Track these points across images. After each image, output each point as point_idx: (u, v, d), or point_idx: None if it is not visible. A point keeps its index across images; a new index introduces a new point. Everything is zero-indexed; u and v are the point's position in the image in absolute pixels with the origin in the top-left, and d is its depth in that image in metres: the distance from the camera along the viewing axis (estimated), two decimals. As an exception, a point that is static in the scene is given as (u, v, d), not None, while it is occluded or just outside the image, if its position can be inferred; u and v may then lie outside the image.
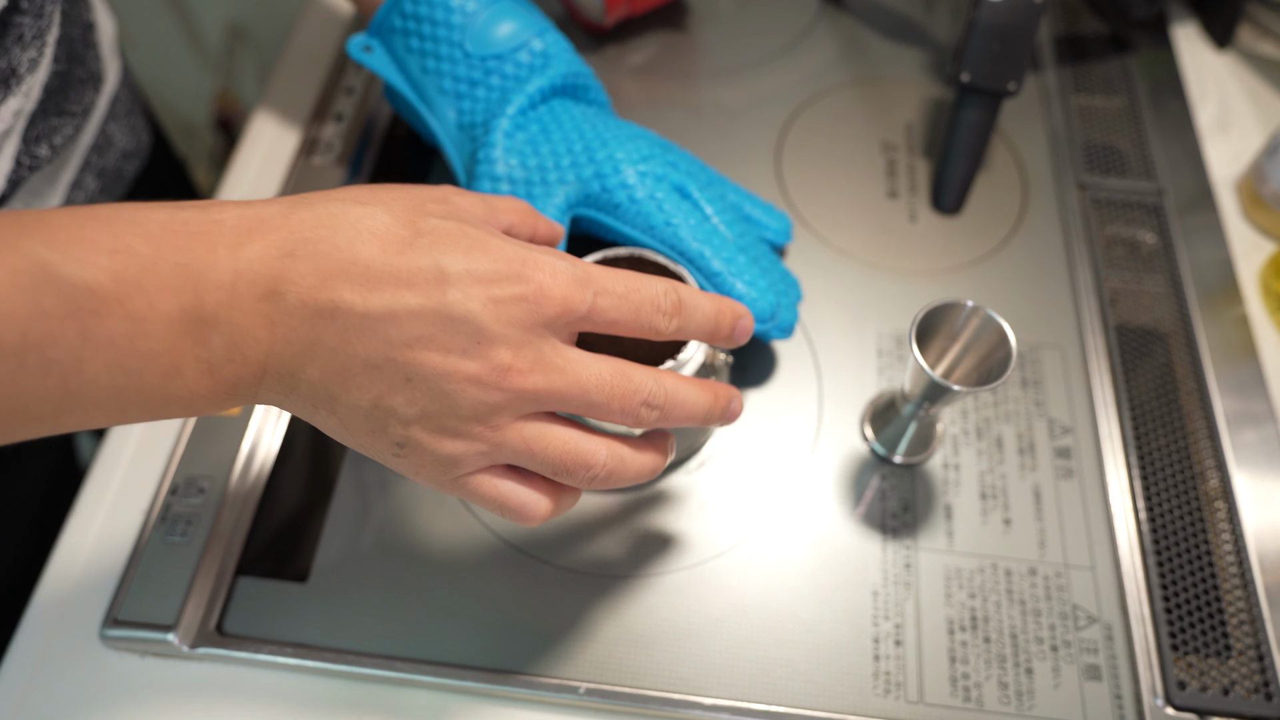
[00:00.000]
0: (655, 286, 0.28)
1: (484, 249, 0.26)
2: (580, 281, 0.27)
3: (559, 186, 0.40)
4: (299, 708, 0.37)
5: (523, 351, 0.26)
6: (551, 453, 0.27)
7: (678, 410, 0.29)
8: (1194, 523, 0.40)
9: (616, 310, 0.27)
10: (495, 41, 0.42)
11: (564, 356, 0.27)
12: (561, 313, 0.26)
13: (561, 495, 0.29)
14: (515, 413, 0.26)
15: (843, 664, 0.37)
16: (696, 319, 0.29)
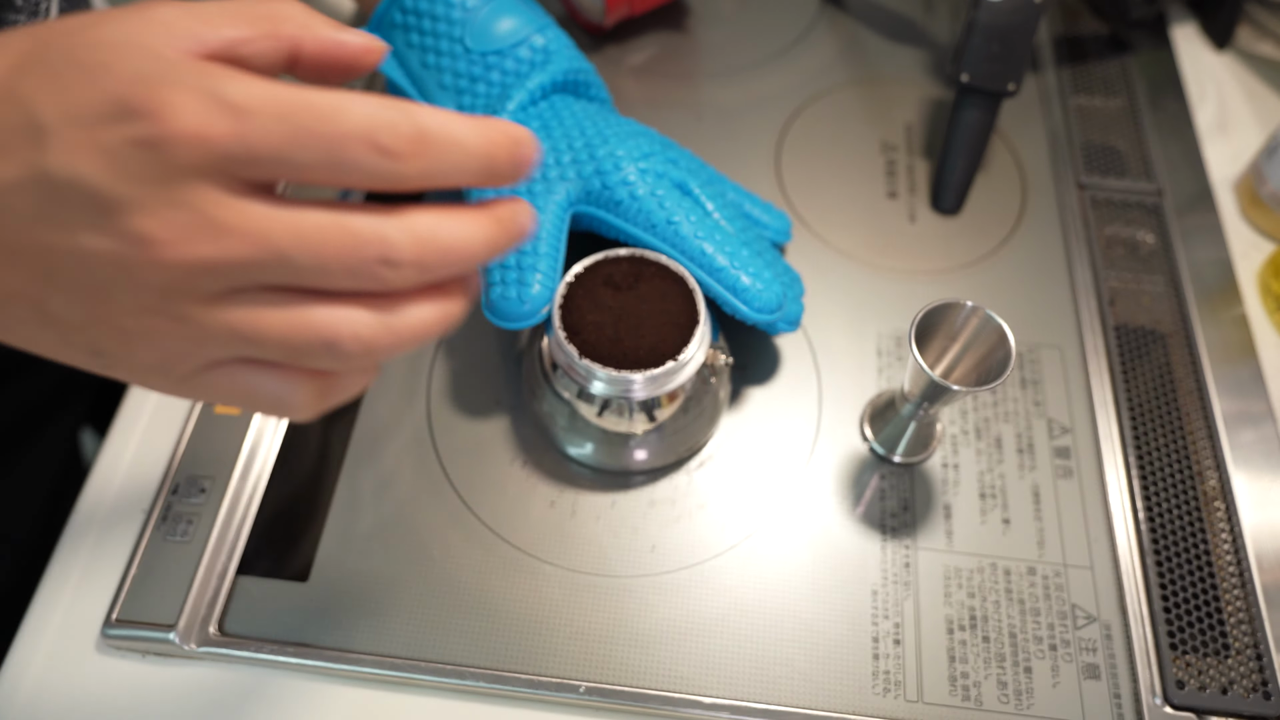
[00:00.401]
0: (377, 111, 0.20)
1: (96, 76, 0.19)
2: (232, 107, 0.19)
3: (560, 183, 0.40)
4: (300, 708, 0.37)
5: (164, 214, 0.19)
6: (272, 329, 0.20)
7: (442, 257, 0.21)
8: (1192, 522, 0.41)
9: (301, 148, 0.19)
10: (496, 37, 0.42)
11: (238, 211, 0.19)
12: (200, 152, 0.19)
13: (329, 379, 0.23)
14: (202, 293, 0.20)
15: (842, 663, 0.37)
16: (453, 156, 0.21)
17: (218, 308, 0.20)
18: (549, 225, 0.39)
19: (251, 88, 0.19)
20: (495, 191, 0.37)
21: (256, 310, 0.20)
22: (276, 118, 0.19)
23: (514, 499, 0.41)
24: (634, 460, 0.41)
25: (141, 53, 0.19)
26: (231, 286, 0.20)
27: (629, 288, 0.36)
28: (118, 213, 0.19)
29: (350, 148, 0.19)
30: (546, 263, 0.39)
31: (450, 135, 0.21)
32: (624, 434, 0.39)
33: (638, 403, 0.37)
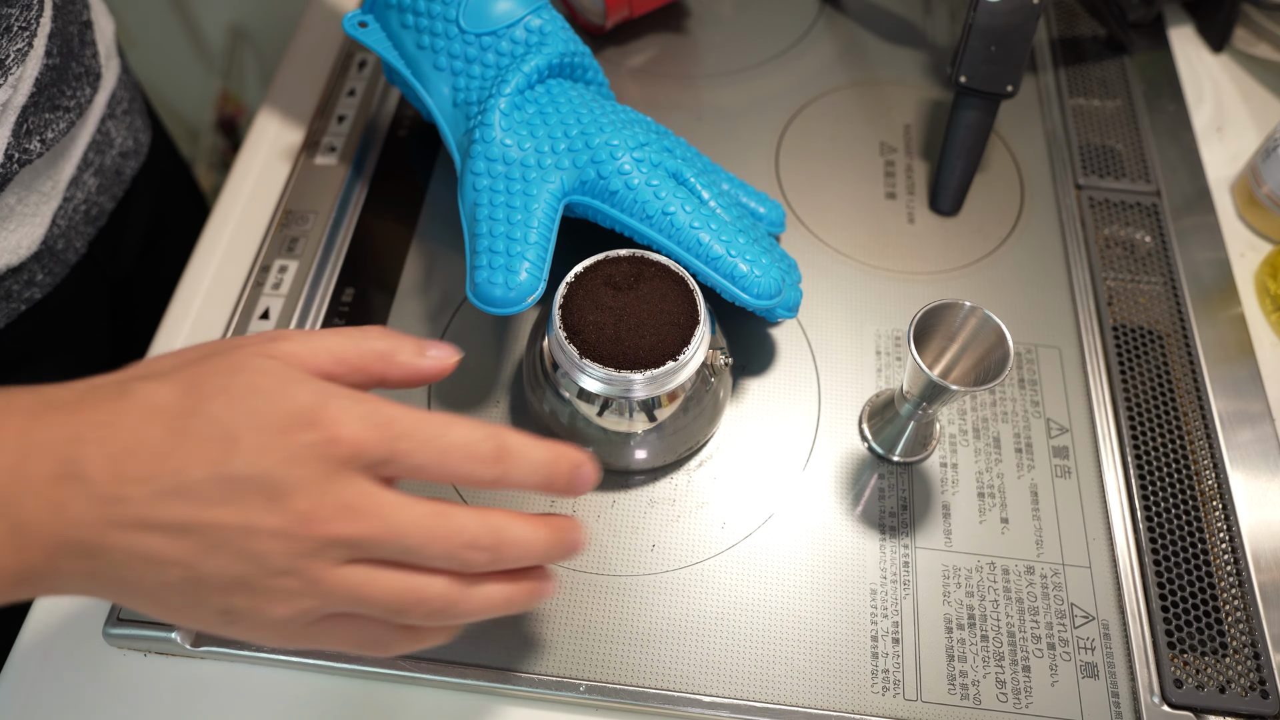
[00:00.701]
0: (471, 432, 0.27)
1: (274, 401, 0.25)
2: (378, 424, 0.26)
3: (555, 172, 0.40)
4: (301, 705, 0.37)
5: (323, 498, 0.25)
6: (380, 593, 0.26)
7: (511, 550, 0.27)
8: (1190, 522, 0.41)
9: (420, 454, 0.26)
10: (491, 18, 0.42)
11: (374, 499, 0.25)
12: (355, 454, 0.25)
13: (415, 633, 0.28)
14: (332, 560, 0.25)
15: (841, 662, 0.37)
16: (524, 469, 0.27)
17: (342, 571, 0.25)
18: (540, 214, 0.39)
19: (393, 410, 0.26)
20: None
21: (371, 575, 0.26)
22: (417, 438, 0.26)
23: (514, 498, 0.41)
24: (634, 460, 0.41)
25: (296, 382, 0.26)
26: (355, 556, 0.26)
27: (629, 288, 0.37)
28: (288, 495, 0.24)
29: (452, 456, 0.26)
30: (535, 251, 0.38)
31: (524, 452, 0.28)
32: (624, 434, 0.39)
33: (638, 402, 0.37)
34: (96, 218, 0.51)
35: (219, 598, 0.25)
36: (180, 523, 0.24)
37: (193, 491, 0.24)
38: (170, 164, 0.64)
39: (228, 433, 0.25)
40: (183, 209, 0.66)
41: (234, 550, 0.25)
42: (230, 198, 0.52)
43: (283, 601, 0.25)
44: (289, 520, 0.25)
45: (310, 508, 0.25)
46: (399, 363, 0.29)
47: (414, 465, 0.26)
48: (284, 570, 0.25)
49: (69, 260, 0.49)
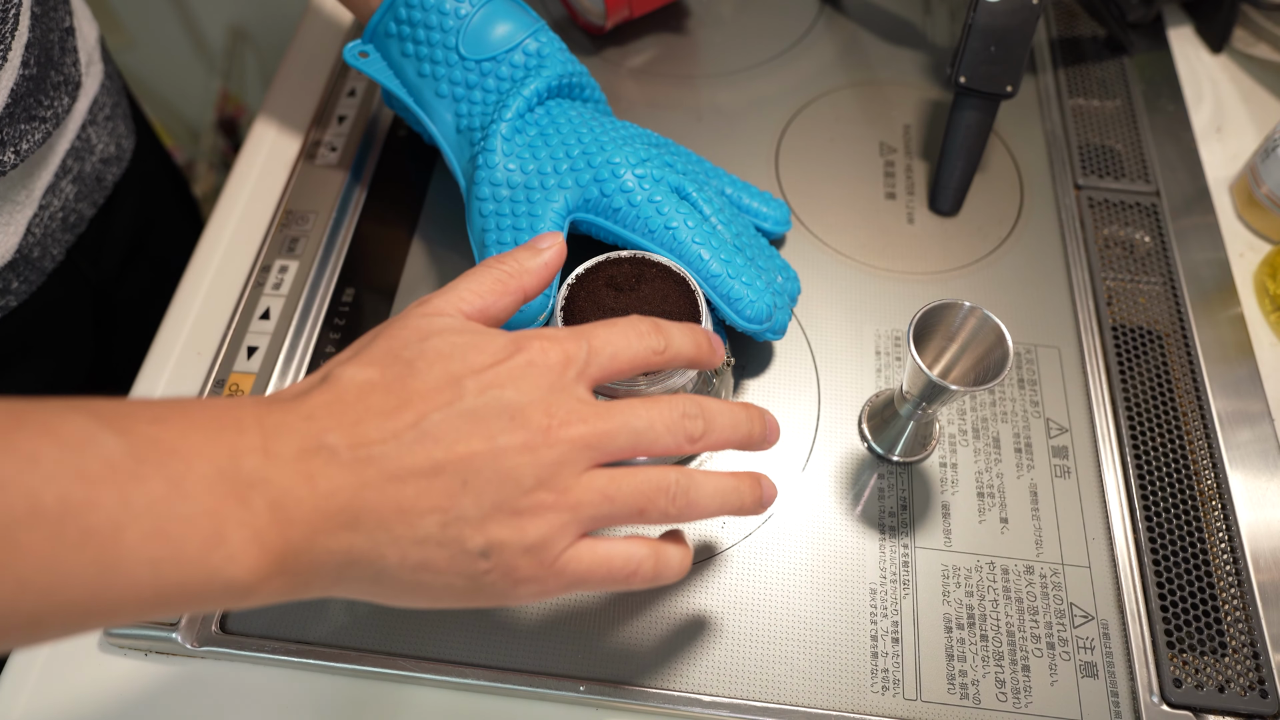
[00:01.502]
0: (636, 324, 0.30)
1: (475, 346, 0.27)
2: (571, 333, 0.28)
3: (558, 191, 0.41)
4: (301, 705, 0.37)
5: (554, 408, 0.26)
6: (627, 490, 0.27)
7: (717, 416, 0.29)
8: (1189, 521, 0.41)
9: (611, 347, 0.29)
10: (490, 44, 0.42)
11: (595, 403, 0.28)
12: (567, 362, 0.28)
13: (657, 547, 0.29)
14: (576, 468, 0.26)
15: (841, 661, 0.37)
16: (679, 341, 0.31)
17: (588, 477, 0.27)
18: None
19: (567, 328, 0.29)
20: None
21: (613, 474, 0.27)
22: (596, 333, 0.29)
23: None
24: (635, 462, 0.41)
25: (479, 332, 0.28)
26: (595, 460, 0.27)
27: (631, 289, 0.37)
28: (523, 412, 0.26)
29: (633, 341, 0.29)
30: None
31: (669, 327, 0.31)
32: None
33: (638, 402, 0.37)
34: (75, 225, 0.50)
35: (478, 534, 0.25)
36: (430, 464, 0.25)
37: (434, 433, 0.25)
38: (157, 169, 0.64)
39: (447, 379, 0.26)
40: (170, 214, 0.65)
41: (487, 476, 0.25)
42: (230, 198, 0.52)
43: (540, 518, 0.26)
44: (531, 433, 0.26)
45: (546, 418, 0.26)
46: (529, 269, 0.31)
47: (610, 355, 0.29)
48: (536, 483, 0.26)
49: (45, 268, 0.48)
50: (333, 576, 0.25)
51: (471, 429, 0.25)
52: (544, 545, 0.26)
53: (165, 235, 0.63)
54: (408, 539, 0.25)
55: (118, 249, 0.57)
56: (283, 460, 0.24)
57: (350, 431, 0.25)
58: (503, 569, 0.26)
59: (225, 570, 0.23)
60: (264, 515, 0.23)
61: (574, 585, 0.27)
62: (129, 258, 0.59)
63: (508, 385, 0.26)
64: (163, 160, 0.66)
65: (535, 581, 0.27)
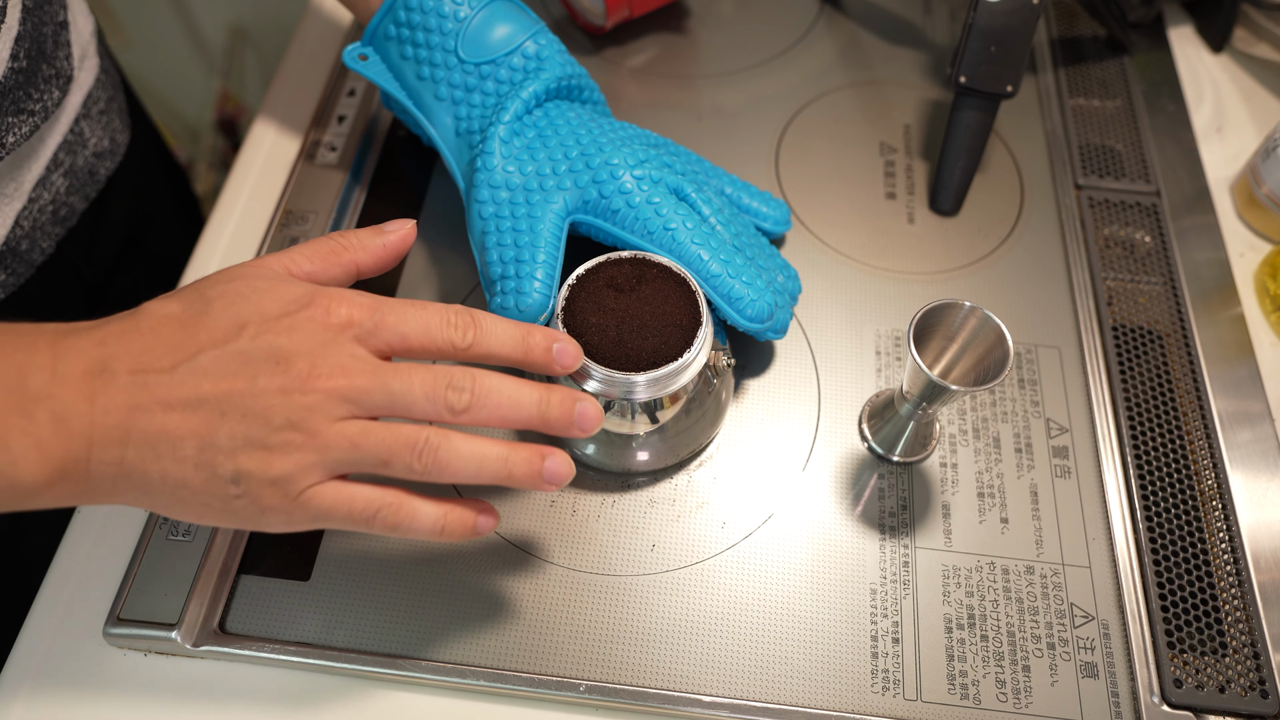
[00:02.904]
0: (446, 309, 0.31)
1: (272, 294, 0.30)
2: (365, 302, 0.30)
3: (557, 193, 0.41)
4: (301, 706, 0.37)
5: (320, 361, 0.29)
6: (374, 441, 0.29)
7: (491, 393, 0.30)
8: (1190, 522, 0.41)
9: (405, 324, 0.30)
10: (489, 47, 0.42)
11: (366, 360, 0.29)
12: (348, 324, 0.30)
13: (405, 499, 0.30)
14: (329, 415, 0.28)
15: (841, 661, 0.37)
16: (496, 333, 0.31)
17: (340, 424, 0.29)
18: (546, 235, 0.40)
19: (377, 296, 0.31)
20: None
21: (365, 425, 0.29)
22: (401, 311, 0.30)
23: (515, 498, 0.41)
24: (636, 461, 0.41)
25: (288, 282, 0.30)
26: (352, 413, 0.29)
27: (631, 290, 0.37)
28: (290, 360, 0.28)
29: (433, 322, 0.30)
30: (544, 272, 0.39)
31: (493, 321, 0.31)
32: (626, 435, 0.39)
33: (640, 404, 0.37)
34: (66, 218, 0.50)
35: (229, 462, 0.28)
36: (195, 397, 0.28)
37: (205, 369, 0.28)
38: (155, 164, 0.63)
39: (235, 320, 0.29)
40: (168, 210, 0.65)
41: (243, 411, 0.28)
42: (230, 198, 0.52)
43: (286, 455, 0.28)
44: (291, 379, 0.28)
45: (309, 368, 0.28)
46: (366, 246, 0.33)
47: (400, 333, 0.30)
48: (287, 423, 0.28)
49: (34, 260, 0.48)
50: (110, 486, 0.28)
51: (238, 368, 0.28)
52: (288, 480, 0.28)
53: (163, 230, 0.63)
54: (169, 459, 0.28)
55: (112, 243, 0.57)
56: (68, 380, 0.27)
57: (134, 359, 0.28)
58: (251, 496, 0.28)
59: (8, 472, 0.26)
60: (46, 427, 0.27)
61: (319, 519, 0.30)
62: (125, 252, 0.58)
63: (284, 334, 0.29)
64: (161, 155, 0.66)
65: (281, 511, 0.29)
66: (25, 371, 0.27)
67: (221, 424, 0.28)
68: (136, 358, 0.28)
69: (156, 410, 0.28)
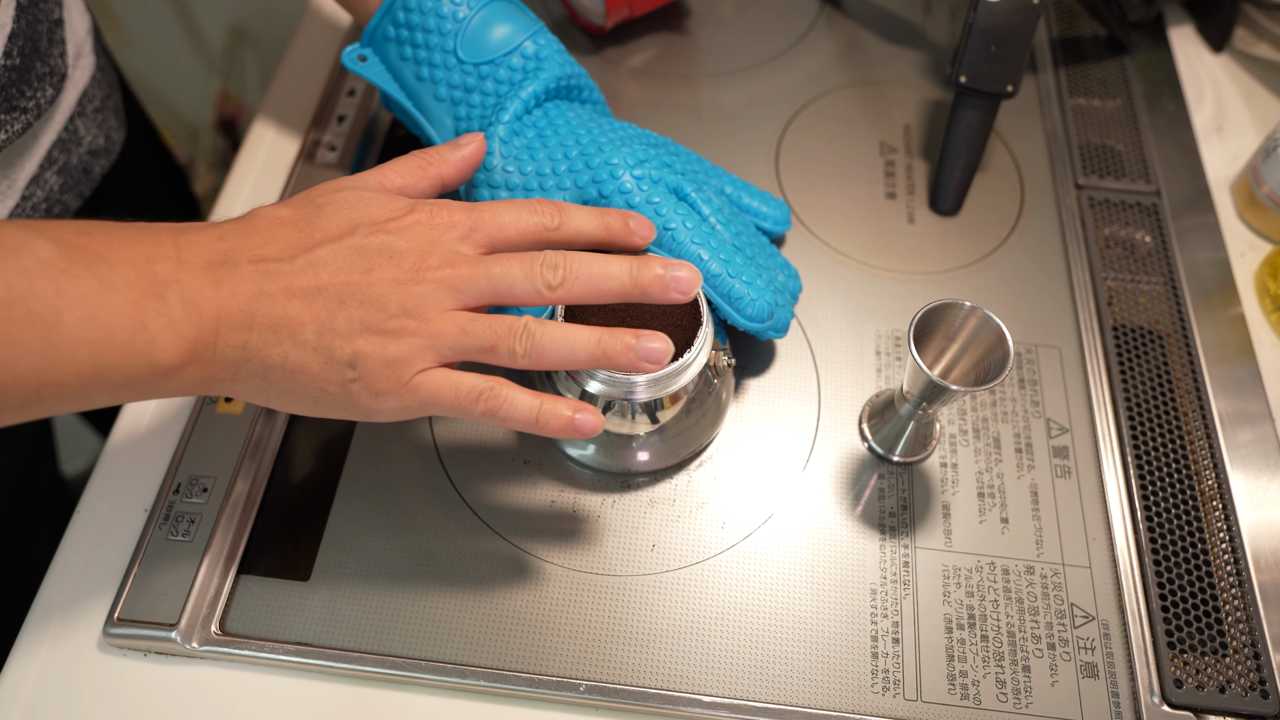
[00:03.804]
0: (532, 201, 0.34)
1: (379, 203, 0.32)
2: (463, 207, 0.33)
3: (557, 193, 0.41)
4: (301, 706, 0.37)
5: (428, 255, 0.31)
6: (481, 327, 0.31)
7: (580, 269, 0.32)
8: (1190, 522, 0.41)
9: (500, 216, 0.33)
10: (488, 47, 0.42)
11: (467, 254, 0.32)
12: (450, 225, 0.32)
13: (504, 385, 0.32)
14: (440, 304, 0.31)
15: (841, 662, 0.37)
16: (581, 214, 0.34)
17: (450, 313, 0.31)
18: None
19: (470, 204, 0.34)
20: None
21: (472, 315, 0.31)
22: (495, 209, 0.33)
23: (515, 498, 0.41)
24: (637, 462, 0.41)
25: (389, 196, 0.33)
26: (460, 304, 0.31)
27: (630, 288, 0.37)
28: (402, 255, 0.31)
29: (523, 210, 0.34)
30: None
31: (575, 211, 0.34)
32: (627, 435, 0.39)
33: (640, 404, 0.37)
34: (59, 216, 0.50)
35: (347, 345, 0.30)
36: (315, 286, 0.30)
37: (323, 260, 0.30)
38: (152, 163, 0.63)
39: (348, 221, 0.31)
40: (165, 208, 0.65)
41: (360, 299, 0.30)
42: (230, 198, 0.52)
43: (400, 339, 0.30)
44: (404, 271, 0.31)
45: (419, 260, 0.31)
46: (447, 159, 0.36)
47: (498, 223, 0.33)
48: (401, 310, 0.30)
49: None
50: (233, 370, 0.30)
51: (354, 261, 0.30)
52: (402, 362, 0.30)
53: None
54: (290, 342, 0.30)
55: None
56: (193, 268, 0.29)
57: (254, 251, 0.30)
58: (366, 380, 0.30)
59: (148, 352, 0.28)
60: (178, 309, 0.28)
61: (427, 404, 0.31)
62: None
63: (394, 234, 0.31)
64: (159, 154, 0.66)
65: (393, 395, 0.31)
66: (153, 259, 0.28)
67: (340, 310, 0.30)
68: (256, 250, 0.30)
69: (279, 296, 0.30)
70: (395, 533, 0.40)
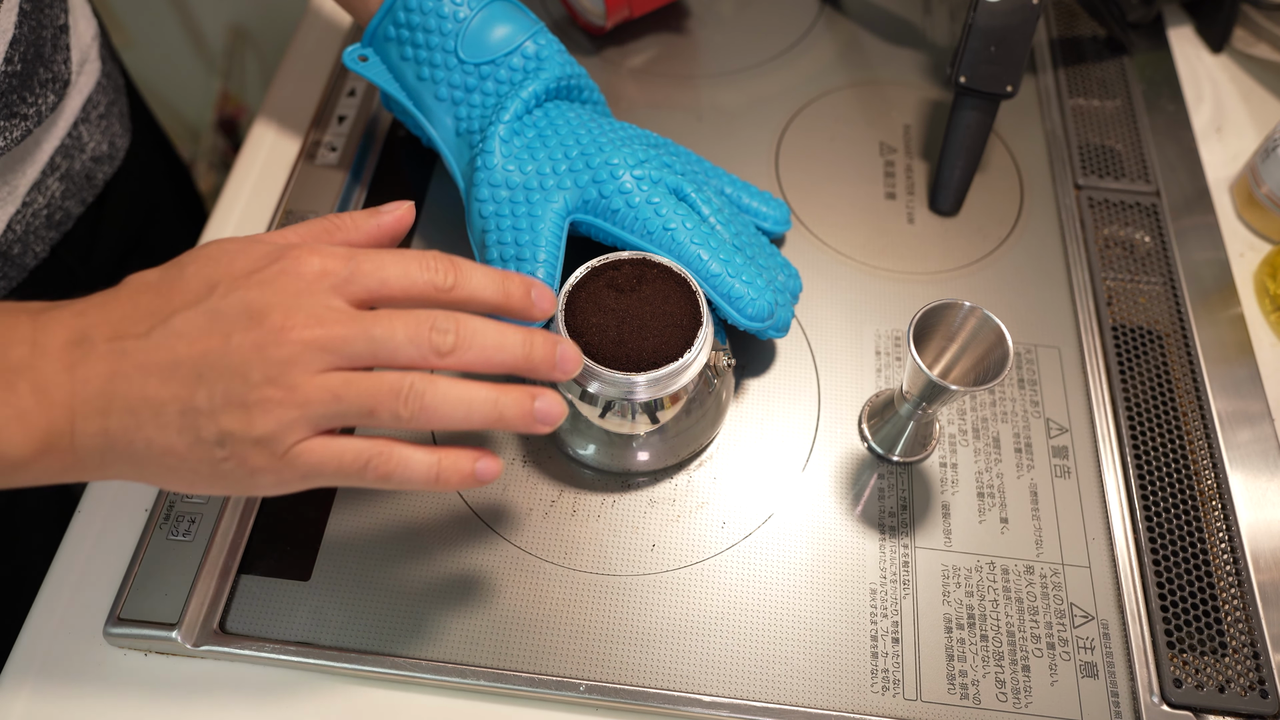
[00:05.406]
0: (424, 254, 0.30)
1: (243, 254, 0.29)
2: (340, 253, 0.29)
3: (557, 192, 0.41)
4: (301, 705, 0.37)
5: (294, 312, 0.28)
6: (357, 390, 0.28)
7: (476, 334, 0.29)
8: (1189, 521, 0.41)
9: (383, 270, 0.29)
10: (488, 47, 0.42)
11: (342, 309, 0.28)
12: (321, 275, 0.28)
13: (393, 447, 0.29)
14: (309, 367, 0.27)
15: (841, 661, 0.37)
16: (477, 278, 0.30)
17: (320, 377, 0.28)
18: (547, 234, 0.40)
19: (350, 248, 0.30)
20: None
21: (346, 376, 0.28)
22: (379, 260, 0.29)
23: (515, 498, 0.41)
24: (636, 462, 0.41)
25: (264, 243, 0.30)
26: (331, 364, 0.28)
27: (632, 290, 0.37)
28: (264, 314, 0.27)
29: (411, 267, 0.29)
30: (545, 270, 0.39)
31: (473, 266, 0.30)
32: (627, 435, 0.39)
33: (640, 404, 0.37)
34: (61, 222, 0.50)
35: (212, 424, 0.27)
36: (172, 360, 0.27)
37: (180, 331, 0.28)
38: (158, 167, 0.63)
39: (208, 281, 0.28)
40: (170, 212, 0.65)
41: (219, 370, 0.27)
42: (231, 198, 0.52)
43: (268, 412, 0.27)
44: (265, 333, 0.27)
45: (283, 320, 0.27)
46: (359, 226, 0.32)
47: (379, 278, 0.29)
48: (265, 379, 0.27)
49: (27, 264, 0.48)
50: (98, 459, 0.28)
51: (212, 326, 0.27)
52: (272, 438, 0.27)
53: (165, 233, 0.63)
54: (152, 425, 0.27)
55: (111, 247, 0.56)
56: (48, 351, 0.27)
57: (112, 327, 0.28)
58: (238, 458, 0.28)
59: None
60: (29, 398, 0.27)
61: (309, 476, 0.29)
62: (125, 256, 0.58)
63: (255, 289, 0.28)
64: (166, 157, 0.66)
65: (271, 471, 0.28)
66: (6, 345, 0.27)
67: (199, 385, 0.27)
68: (115, 326, 0.28)
69: (135, 376, 0.27)
70: (395, 533, 0.40)
